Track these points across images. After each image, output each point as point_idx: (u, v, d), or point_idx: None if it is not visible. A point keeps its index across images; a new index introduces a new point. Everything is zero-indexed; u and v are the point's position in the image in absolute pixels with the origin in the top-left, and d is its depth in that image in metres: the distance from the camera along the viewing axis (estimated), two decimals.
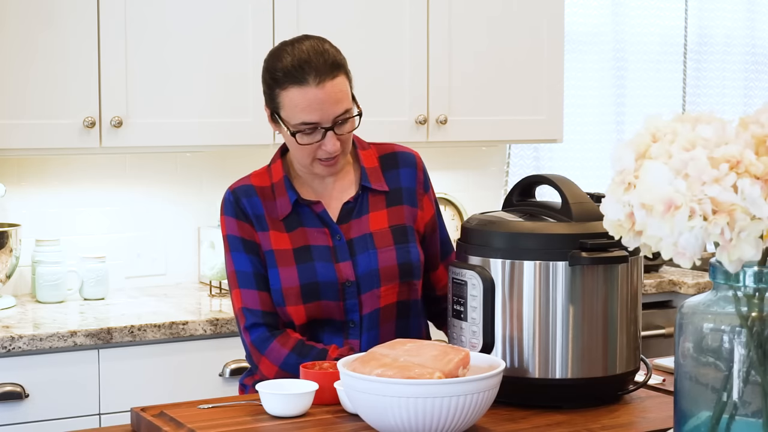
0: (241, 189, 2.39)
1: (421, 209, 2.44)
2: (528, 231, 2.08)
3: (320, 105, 2.24)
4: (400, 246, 2.37)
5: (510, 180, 4.25)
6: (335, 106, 2.26)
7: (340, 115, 2.27)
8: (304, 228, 2.36)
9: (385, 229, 2.38)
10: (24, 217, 3.45)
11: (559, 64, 3.91)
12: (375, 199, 2.41)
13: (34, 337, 2.87)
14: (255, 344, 2.32)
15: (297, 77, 2.25)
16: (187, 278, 3.71)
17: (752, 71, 4.88)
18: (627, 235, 1.49)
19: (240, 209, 2.36)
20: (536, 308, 2.05)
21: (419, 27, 3.64)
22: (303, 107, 2.25)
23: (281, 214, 2.36)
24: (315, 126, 2.27)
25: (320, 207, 2.37)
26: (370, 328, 2.35)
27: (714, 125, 1.46)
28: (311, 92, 2.24)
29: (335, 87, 2.26)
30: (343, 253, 2.35)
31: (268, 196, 2.37)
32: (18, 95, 3.11)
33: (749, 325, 1.51)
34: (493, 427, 1.94)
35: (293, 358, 2.27)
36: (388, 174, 2.43)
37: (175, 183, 3.69)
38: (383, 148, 2.48)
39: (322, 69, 2.25)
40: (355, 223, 2.38)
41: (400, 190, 2.43)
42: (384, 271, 2.35)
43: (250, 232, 2.35)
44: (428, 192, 2.48)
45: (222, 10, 3.35)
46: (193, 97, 3.32)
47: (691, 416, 1.59)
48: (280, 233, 2.35)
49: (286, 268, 2.33)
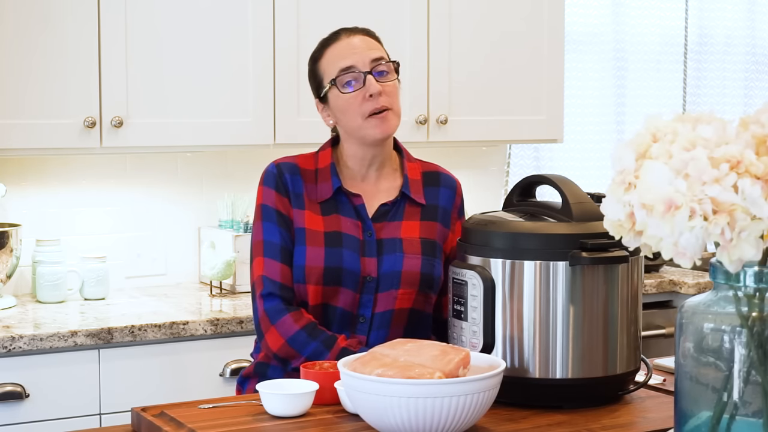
0: (286, 165, 2.44)
1: (452, 232, 2.48)
2: (528, 231, 2.08)
3: (352, 49, 2.39)
4: (426, 257, 2.41)
5: (510, 180, 4.25)
6: (368, 50, 2.40)
7: (375, 59, 2.39)
8: (339, 216, 2.40)
9: (415, 239, 2.42)
10: (24, 217, 3.45)
11: (559, 64, 3.91)
12: (411, 210, 2.45)
13: (34, 337, 2.87)
14: (268, 313, 2.34)
15: (331, 39, 2.44)
16: (187, 278, 3.71)
17: (753, 71, 4.88)
18: (627, 235, 1.49)
19: (282, 183, 2.41)
20: (536, 308, 2.05)
21: (419, 27, 3.64)
22: (338, 56, 2.39)
23: (321, 197, 2.41)
24: (354, 72, 2.37)
25: (359, 200, 2.42)
26: (380, 327, 2.37)
27: (714, 125, 1.46)
28: (343, 42, 2.42)
29: (365, 40, 2.43)
30: (371, 249, 2.38)
31: (311, 179, 2.43)
32: (18, 95, 3.11)
33: (750, 325, 1.51)
34: (493, 427, 1.94)
35: (303, 336, 2.29)
36: (428, 190, 2.48)
37: (175, 183, 3.69)
38: (428, 166, 2.54)
39: (353, 30, 2.45)
40: (387, 225, 2.42)
41: (437, 208, 2.47)
42: (406, 275, 2.37)
43: (287, 206, 2.40)
44: (461, 218, 2.51)
45: (222, 10, 3.35)
46: (193, 97, 3.32)
47: (692, 416, 1.59)
48: (315, 215, 2.39)
49: (315, 247, 2.36)
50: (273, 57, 3.39)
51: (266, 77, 3.39)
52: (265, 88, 3.39)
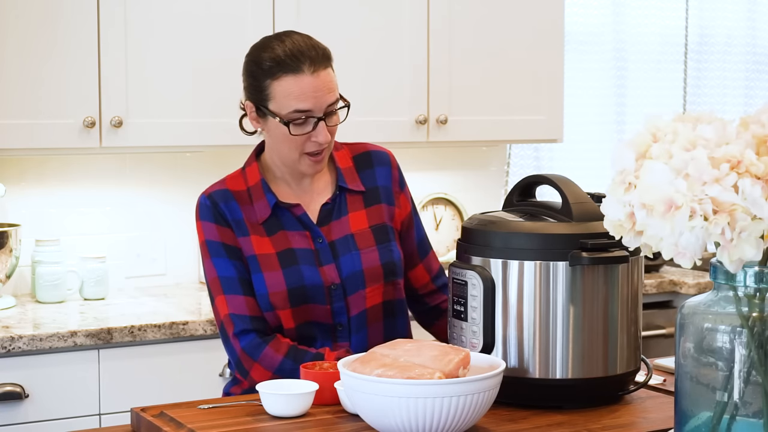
0: (218, 193, 2.35)
1: (398, 207, 2.44)
2: (528, 231, 2.08)
3: (314, 92, 2.24)
4: (381, 246, 2.36)
5: (510, 180, 4.24)
6: (328, 94, 2.27)
7: (332, 104, 2.28)
8: (285, 231, 2.33)
9: (365, 230, 2.37)
10: (24, 217, 3.45)
11: (559, 64, 3.91)
12: (353, 200, 2.39)
13: (34, 337, 2.87)
14: (246, 351, 2.27)
15: (292, 66, 2.24)
16: (187, 278, 3.71)
17: (753, 71, 4.88)
18: (627, 235, 1.49)
19: (219, 214, 2.32)
20: (536, 308, 2.05)
21: (419, 27, 3.63)
22: (297, 95, 2.24)
23: (261, 217, 2.33)
24: (307, 115, 2.26)
25: (300, 210, 2.35)
26: (359, 330, 2.34)
27: (715, 125, 1.46)
28: (306, 80, 2.24)
29: (328, 76, 2.27)
30: (326, 255, 2.33)
31: (245, 200, 2.34)
32: (18, 95, 3.11)
33: (750, 325, 1.51)
34: (493, 427, 1.94)
35: (288, 364, 2.25)
36: (363, 174, 2.42)
37: (175, 183, 3.69)
38: (356, 148, 2.46)
39: (315, 59, 2.26)
40: (335, 224, 2.36)
41: (377, 189, 2.42)
42: (368, 272, 2.33)
43: (232, 236, 2.32)
44: (404, 190, 2.47)
45: (222, 10, 3.35)
46: (193, 97, 3.32)
47: (692, 416, 1.59)
48: (261, 237, 2.32)
49: (272, 272, 2.29)
50: None
51: None
52: None
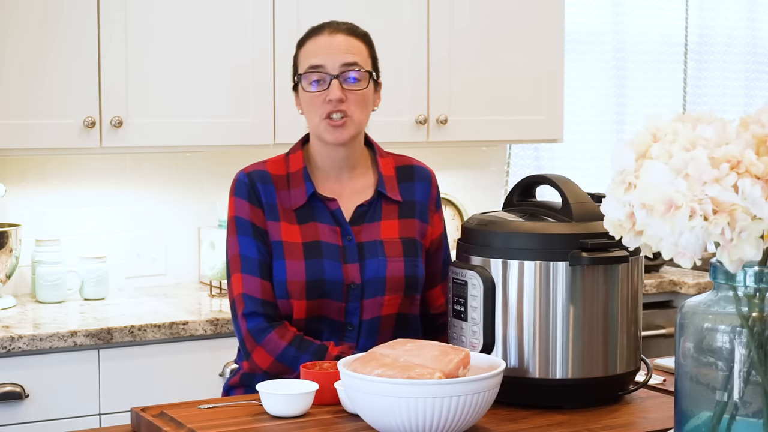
0: (257, 173, 2.36)
1: (431, 225, 2.45)
2: (528, 231, 2.08)
3: (327, 49, 2.32)
4: (408, 259, 2.37)
5: (510, 180, 4.24)
6: (343, 54, 2.32)
7: (347, 64, 2.31)
8: (316, 223, 2.34)
9: (395, 240, 2.37)
10: (24, 217, 3.45)
11: (559, 64, 3.91)
12: (388, 208, 2.40)
13: (34, 337, 2.87)
14: (252, 333, 2.29)
15: (315, 30, 2.37)
16: (187, 278, 3.71)
17: (753, 71, 4.88)
18: (627, 235, 1.49)
19: (254, 194, 2.34)
20: (536, 308, 2.05)
21: (419, 27, 3.63)
22: (312, 52, 2.34)
23: (295, 204, 2.34)
24: (321, 72, 2.30)
25: (335, 205, 2.36)
26: (369, 335, 2.34)
27: (714, 125, 1.46)
28: (322, 39, 2.34)
29: (348, 41, 2.35)
30: (352, 254, 2.34)
31: (283, 186, 2.36)
32: (18, 95, 3.11)
33: (750, 325, 1.51)
34: (493, 427, 1.94)
35: (292, 351, 2.26)
36: (403, 185, 2.43)
37: (175, 183, 3.69)
38: (401, 160, 2.48)
39: (340, 26, 2.37)
40: (366, 227, 2.37)
41: (413, 204, 2.43)
42: (391, 280, 2.34)
43: (262, 218, 2.33)
44: (439, 210, 2.48)
45: (222, 10, 3.35)
46: (193, 97, 3.32)
47: (692, 416, 1.59)
48: (290, 225, 2.33)
49: (294, 261, 2.30)
50: (273, 57, 3.39)
51: (266, 77, 3.38)
52: (265, 88, 3.38)
